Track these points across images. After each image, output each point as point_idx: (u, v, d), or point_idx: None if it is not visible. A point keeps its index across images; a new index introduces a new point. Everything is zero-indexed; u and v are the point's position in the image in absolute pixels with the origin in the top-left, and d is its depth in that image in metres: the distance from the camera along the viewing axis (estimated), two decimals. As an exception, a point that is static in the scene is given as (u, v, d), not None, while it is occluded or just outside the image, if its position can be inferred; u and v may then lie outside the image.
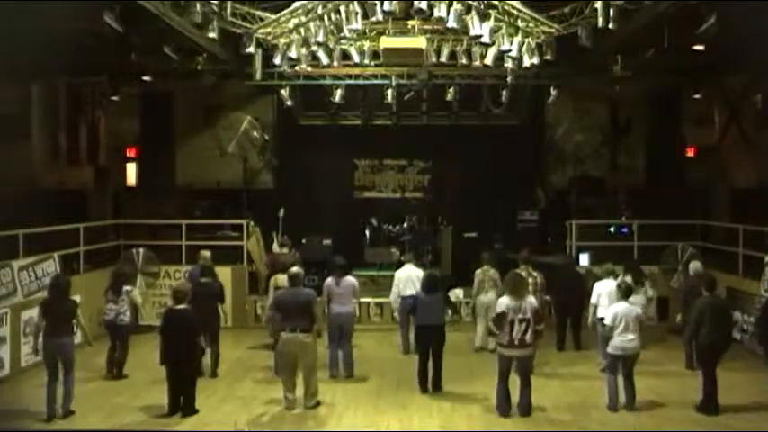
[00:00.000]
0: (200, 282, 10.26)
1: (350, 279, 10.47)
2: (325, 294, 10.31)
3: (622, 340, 8.64)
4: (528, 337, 8.32)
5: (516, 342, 8.32)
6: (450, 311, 10.59)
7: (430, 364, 9.57)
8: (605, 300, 10.06)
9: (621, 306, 8.85)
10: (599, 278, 10.71)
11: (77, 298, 11.65)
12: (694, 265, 11.15)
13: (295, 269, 9.14)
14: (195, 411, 8.59)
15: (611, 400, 8.72)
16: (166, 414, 8.55)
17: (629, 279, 11.14)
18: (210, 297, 10.05)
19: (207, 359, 9.94)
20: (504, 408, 8.54)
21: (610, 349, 8.77)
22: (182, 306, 8.67)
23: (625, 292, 8.98)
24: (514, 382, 8.61)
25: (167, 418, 8.50)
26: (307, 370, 8.80)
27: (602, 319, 9.61)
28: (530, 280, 10.32)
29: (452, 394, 9.47)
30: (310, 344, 8.75)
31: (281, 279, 10.16)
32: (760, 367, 10.19)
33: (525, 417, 8.44)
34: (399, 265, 12.87)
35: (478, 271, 11.71)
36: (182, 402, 8.58)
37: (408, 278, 11.41)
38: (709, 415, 8.54)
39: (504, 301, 8.45)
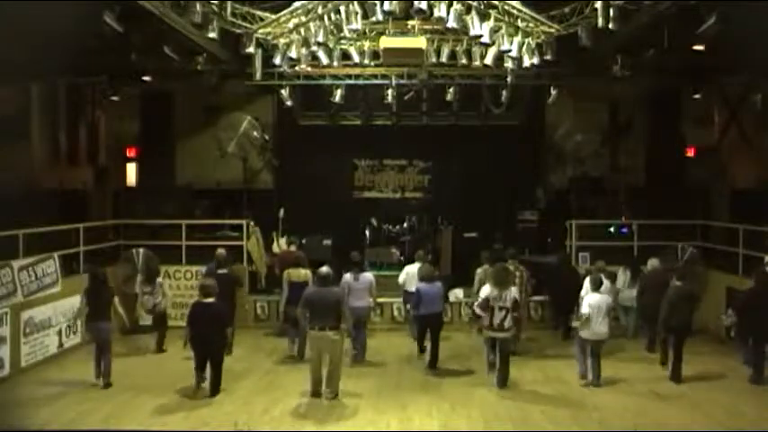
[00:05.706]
0: (218, 273, 11.00)
1: (367, 275, 11.13)
2: (344, 290, 10.51)
3: (596, 327, 9.64)
4: (507, 322, 9.55)
5: (496, 326, 9.60)
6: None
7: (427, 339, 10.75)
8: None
9: (594, 297, 9.82)
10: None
11: (77, 298, 11.76)
12: (652, 262, 12.08)
13: (324, 269, 9.51)
14: (219, 391, 9.34)
15: (583, 372, 9.87)
16: (194, 386, 9.38)
17: (627, 274, 12.42)
18: (228, 284, 10.75)
19: None
20: (492, 370, 9.82)
21: (583, 334, 9.74)
22: (209, 300, 9.32)
23: (596, 285, 9.95)
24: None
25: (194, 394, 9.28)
26: (332, 365, 9.23)
27: None
28: (516, 273, 11.22)
29: (452, 394, 9.49)
30: (338, 341, 9.21)
31: (295, 274, 11.09)
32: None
33: (501, 389, 9.55)
34: (402, 265, 13.18)
35: (479, 270, 11.82)
36: (209, 385, 9.37)
37: (414, 275, 11.79)
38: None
39: (487, 291, 9.66)
